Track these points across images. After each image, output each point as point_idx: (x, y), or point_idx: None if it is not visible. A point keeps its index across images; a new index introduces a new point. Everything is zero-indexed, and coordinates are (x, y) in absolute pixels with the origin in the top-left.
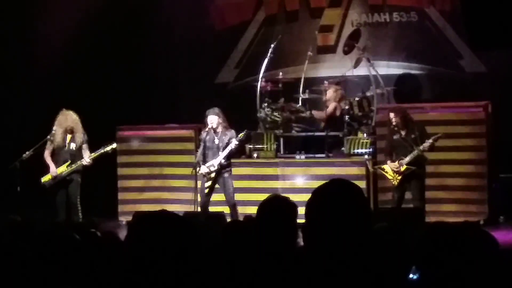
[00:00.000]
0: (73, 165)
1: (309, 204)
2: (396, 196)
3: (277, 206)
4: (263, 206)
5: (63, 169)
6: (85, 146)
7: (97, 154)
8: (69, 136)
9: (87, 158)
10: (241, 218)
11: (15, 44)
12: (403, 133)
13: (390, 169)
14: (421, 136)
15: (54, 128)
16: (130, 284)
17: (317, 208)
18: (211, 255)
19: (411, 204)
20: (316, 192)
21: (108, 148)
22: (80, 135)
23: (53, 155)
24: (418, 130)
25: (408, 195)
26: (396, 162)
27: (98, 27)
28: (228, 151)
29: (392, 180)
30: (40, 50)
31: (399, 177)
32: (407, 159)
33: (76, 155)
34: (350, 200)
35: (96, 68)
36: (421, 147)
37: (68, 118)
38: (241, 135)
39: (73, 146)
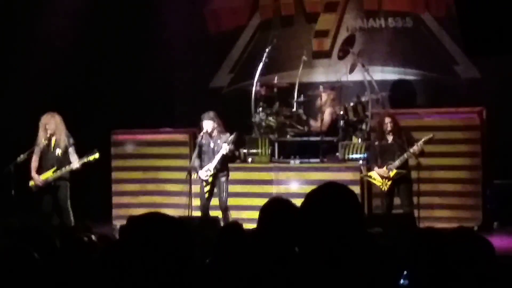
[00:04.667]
0: (58, 171)
1: (303, 208)
2: (385, 202)
3: (279, 209)
4: (264, 209)
5: (48, 174)
6: (71, 149)
7: (81, 162)
8: (53, 140)
9: (76, 163)
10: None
11: (9, 47)
12: (390, 138)
13: (378, 176)
14: (408, 140)
15: (39, 133)
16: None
17: (311, 212)
18: (206, 259)
19: (400, 210)
20: (309, 196)
21: (91, 158)
22: (64, 138)
23: (41, 160)
24: (405, 135)
25: (396, 200)
26: (384, 168)
27: (93, 31)
28: (221, 155)
29: (381, 186)
30: (36, 53)
31: (389, 183)
32: (396, 163)
33: (62, 160)
34: (343, 204)
35: (91, 72)
36: (411, 150)
37: (50, 121)
38: (231, 138)
39: (58, 151)
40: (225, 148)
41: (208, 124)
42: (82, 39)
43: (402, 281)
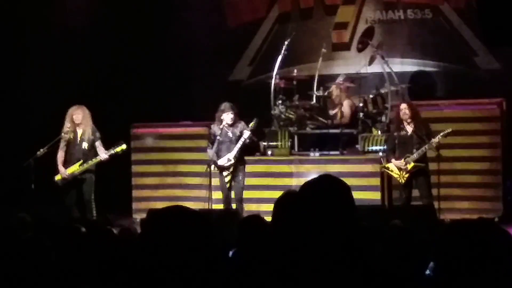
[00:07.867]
0: (85, 164)
1: (298, 199)
2: (404, 194)
3: (293, 203)
4: (278, 203)
5: (75, 168)
6: (98, 143)
7: (109, 153)
8: (79, 134)
9: (103, 154)
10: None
11: (31, 41)
12: (409, 129)
13: (395, 168)
14: (427, 133)
15: (65, 124)
16: (145, 281)
17: (305, 204)
18: (227, 251)
19: (420, 202)
20: (303, 188)
21: (118, 149)
22: (89, 132)
23: (67, 153)
24: (424, 127)
25: (415, 192)
26: (402, 160)
27: (113, 25)
28: (242, 142)
29: (398, 179)
30: (56, 47)
31: (406, 175)
32: (415, 156)
33: (89, 154)
34: (337, 196)
35: (111, 66)
36: (431, 143)
37: (77, 112)
38: (251, 124)
39: (84, 145)
40: (245, 135)
41: (231, 116)
42: (103, 34)
43: (428, 272)
